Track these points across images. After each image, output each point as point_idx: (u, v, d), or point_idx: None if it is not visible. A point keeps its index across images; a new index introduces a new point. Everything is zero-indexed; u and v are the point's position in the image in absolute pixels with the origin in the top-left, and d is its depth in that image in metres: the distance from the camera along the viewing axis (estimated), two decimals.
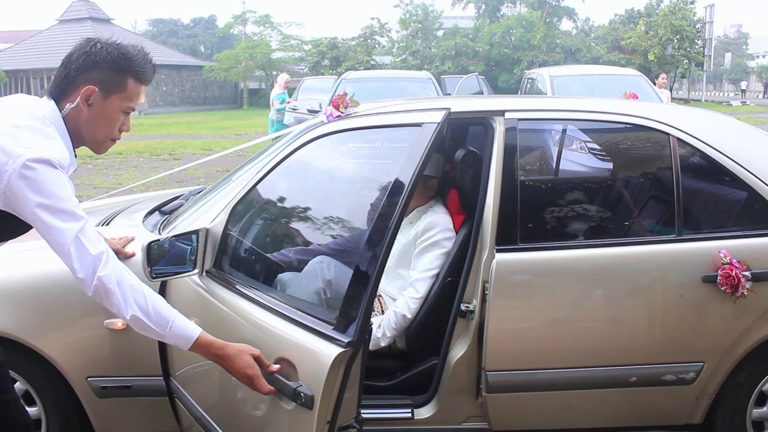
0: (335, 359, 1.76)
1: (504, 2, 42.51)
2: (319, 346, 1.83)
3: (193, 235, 2.33)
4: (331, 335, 1.82)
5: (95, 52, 1.84)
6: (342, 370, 1.79)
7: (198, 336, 1.85)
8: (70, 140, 1.88)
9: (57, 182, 1.72)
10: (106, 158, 13.43)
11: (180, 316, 1.85)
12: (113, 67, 1.85)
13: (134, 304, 1.77)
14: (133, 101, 1.91)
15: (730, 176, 2.47)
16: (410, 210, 2.94)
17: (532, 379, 2.44)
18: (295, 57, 40.03)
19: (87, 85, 1.83)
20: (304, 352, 1.86)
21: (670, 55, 33.81)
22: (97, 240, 1.77)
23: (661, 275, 2.44)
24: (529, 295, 2.45)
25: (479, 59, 36.29)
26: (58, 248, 1.74)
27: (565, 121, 2.81)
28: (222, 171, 10.08)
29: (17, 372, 2.45)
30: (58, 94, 1.87)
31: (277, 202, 2.57)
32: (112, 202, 3.66)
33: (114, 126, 1.91)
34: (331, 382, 1.77)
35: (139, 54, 1.89)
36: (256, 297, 2.13)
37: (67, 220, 1.72)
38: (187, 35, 68.07)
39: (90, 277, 1.73)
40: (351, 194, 2.42)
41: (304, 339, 1.89)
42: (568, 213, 2.56)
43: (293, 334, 1.93)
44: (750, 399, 2.51)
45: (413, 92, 9.59)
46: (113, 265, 1.76)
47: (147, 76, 1.92)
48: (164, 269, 2.28)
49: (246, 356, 1.85)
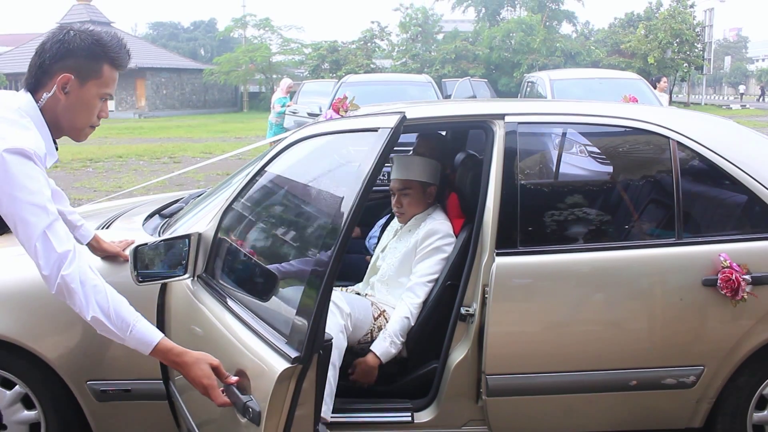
0: (281, 375, 1.69)
1: (504, 6, 42.57)
2: (269, 359, 1.77)
3: (186, 239, 2.33)
4: (282, 350, 1.76)
5: (69, 40, 1.84)
6: (292, 387, 1.72)
7: (158, 341, 1.80)
8: (49, 131, 1.87)
9: (29, 175, 1.71)
10: (106, 161, 13.46)
11: (142, 320, 1.81)
12: (88, 54, 1.84)
13: (96, 305, 1.75)
14: (110, 87, 1.90)
15: (730, 180, 2.47)
16: (409, 217, 2.94)
17: (532, 383, 2.44)
18: (295, 60, 40.07)
19: (62, 73, 1.82)
20: (257, 364, 1.81)
21: (669, 59, 33.84)
22: (66, 238, 1.74)
23: (661, 279, 2.44)
24: (529, 299, 2.45)
25: (479, 63, 36.30)
26: (25, 243, 1.72)
27: (565, 125, 2.81)
28: (222, 174, 10.09)
29: (16, 375, 2.45)
30: (34, 84, 1.86)
31: (257, 209, 2.56)
32: (113, 205, 3.67)
33: (92, 113, 1.90)
34: (278, 399, 1.71)
35: (113, 40, 1.89)
36: (231, 304, 2.10)
37: (35, 214, 1.70)
38: (188, 38, 68.12)
39: (54, 275, 1.71)
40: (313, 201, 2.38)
41: (260, 351, 1.83)
42: (568, 216, 2.56)
43: (252, 345, 1.87)
44: (750, 403, 2.51)
45: (413, 96, 9.60)
46: (78, 264, 1.73)
47: (122, 62, 1.91)
48: (154, 273, 2.27)
49: (203, 365, 1.80)
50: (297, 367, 1.71)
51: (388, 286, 2.89)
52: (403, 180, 2.92)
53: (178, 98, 38.60)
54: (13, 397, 2.47)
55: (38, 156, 1.74)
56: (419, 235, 2.82)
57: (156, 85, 36.90)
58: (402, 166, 2.95)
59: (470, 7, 42.58)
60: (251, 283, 2.22)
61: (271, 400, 1.70)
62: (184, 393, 2.36)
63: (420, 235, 2.82)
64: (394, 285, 2.87)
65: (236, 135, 20.39)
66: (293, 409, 1.74)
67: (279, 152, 2.52)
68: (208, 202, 2.73)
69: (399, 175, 2.94)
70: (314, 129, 2.61)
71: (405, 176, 2.92)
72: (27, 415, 2.49)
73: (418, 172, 2.92)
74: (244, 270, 2.31)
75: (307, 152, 2.57)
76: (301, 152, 2.56)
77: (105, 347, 2.42)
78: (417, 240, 2.82)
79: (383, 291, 2.89)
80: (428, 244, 2.78)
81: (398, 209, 2.96)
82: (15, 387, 2.47)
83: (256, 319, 1.97)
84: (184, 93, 39.26)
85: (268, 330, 1.88)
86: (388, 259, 2.94)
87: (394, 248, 2.94)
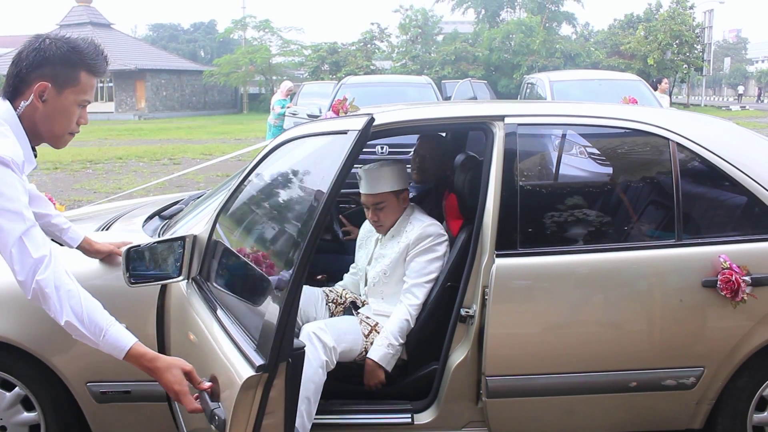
0: (245, 383, 1.66)
1: (503, 7, 42.57)
2: (238, 366, 1.73)
3: (180, 241, 2.33)
4: (249, 357, 1.73)
5: (45, 48, 1.84)
6: (258, 395, 1.68)
7: (131, 347, 1.79)
8: (28, 138, 1.87)
9: (5, 181, 1.71)
10: (106, 163, 13.46)
11: (115, 324, 1.80)
12: (64, 61, 1.85)
13: (69, 309, 1.74)
14: (88, 94, 1.90)
15: (730, 181, 2.48)
16: (388, 227, 2.90)
17: (532, 385, 2.44)
18: (295, 62, 40.09)
19: (39, 81, 1.83)
20: (228, 371, 1.77)
21: (669, 60, 33.86)
22: (43, 243, 1.75)
23: (661, 280, 2.44)
24: (529, 300, 2.45)
25: (479, 64, 36.31)
26: (1, 249, 1.72)
27: (565, 126, 2.81)
28: (222, 176, 10.10)
29: (16, 377, 2.46)
30: (12, 93, 1.86)
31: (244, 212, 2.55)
32: (113, 206, 3.67)
33: (71, 120, 1.91)
34: (244, 407, 1.67)
35: (89, 47, 1.89)
36: (217, 307, 2.08)
37: (12, 220, 1.70)
38: (187, 40, 68.14)
39: (29, 280, 1.71)
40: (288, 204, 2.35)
41: (231, 358, 1.79)
42: (568, 218, 2.56)
43: (227, 351, 1.84)
44: (750, 404, 2.51)
45: (413, 97, 9.61)
46: (53, 268, 1.74)
47: (100, 68, 1.91)
48: (146, 274, 2.27)
49: (175, 371, 1.78)
50: (263, 375, 1.66)
51: (383, 294, 2.86)
52: (374, 195, 2.85)
53: (177, 100, 38.62)
54: (12, 399, 2.47)
55: (15, 163, 1.74)
56: (409, 238, 2.79)
57: (156, 87, 36.91)
58: (371, 180, 2.85)
59: (470, 8, 42.59)
60: (237, 287, 2.21)
61: (236, 408, 1.66)
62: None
63: (411, 239, 2.79)
64: (389, 293, 2.85)
65: (236, 136, 20.41)
66: (260, 418, 1.70)
67: (264, 156, 2.52)
68: (207, 204, 2.73)
69: (369, 189, 2.85)
70: (295, 132, 2.61)
71: (376, 190, 2.84)
72: (27, 417, 2.49)
73: (388, 182, 2.84)
74: (232, 273, 2.30)
75: (288, 155, 2.56)
76: (283, 155, 2.55)
77: None
78: (407, 244, 2.79)
79: (378, 300, 2.88)
80: (421, 247, 2.77)
81: (375, 222, 2.91)
82: (15, 389, 2.47)
83: (235, 324, 1.94)
84: (184, 94, 39.27)
85: (243, 336, 1.84)
86: (377, 268, 2.91)
87: (381, 256, 2.91)
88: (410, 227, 2.83)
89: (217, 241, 2.36)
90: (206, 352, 1.96)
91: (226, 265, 2.31)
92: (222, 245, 2.34)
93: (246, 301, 2.02)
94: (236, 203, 2.49)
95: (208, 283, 2.29)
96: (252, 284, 2.05)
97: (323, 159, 2.17)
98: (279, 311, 1.68)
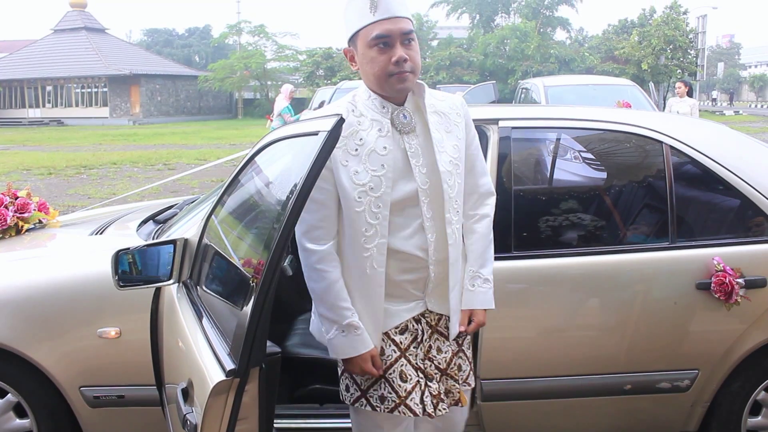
0: (216, 387, 1.61)
1: (498, 12, 42.72)
2: (211, 371, 1.68)
3: (171, 244, 2.33)
4: (222, 361, 1.69)
5: None
6: (230, 400, 1.63)
7: None
8: None
9: None
10: (100, 168, 13.42)
11: None
12: None
13: None
14: None
15: (723, 184, 2.48)
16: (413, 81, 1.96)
17: (527, 388, 2.44)
18: (289, 67, 40.14)
19: None
20: (201, 375, 1.74)
21: (663, 65, 34.02)
22: None
23: (655, 282, 2.45)
24: (523, 304, 2.45)
25: (474, 69, 36.40)
26: None
27: (559, 129, 2.82)
28: (216, 180, 10.08)
29: (9, 383, 2.44)
30: None
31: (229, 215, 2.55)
32: (107, 211, 3.65)
33: None
34: (215, 412, 1.63)
35: None
36: (202, 311, 2.07)
37: None
38: (182, 45, 68.16)
39: None
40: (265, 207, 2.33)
41: (206, 362, 1.75)
42: (562, 221, 2.56)
43: (204, 355, 1.80)
44: (745, 408, 2.51)
45: None
46: None
47: None
48: (135, 277, 2.26)
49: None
50: (234, 380, 1.62)
51: (459, 209, 1.93)
52: (404, 18, 1.84)
53: (172, 105, 38.60)
54: (4, 406, 2.45)
55: None
56: (451, 115, 1.91)
57: (150, 92, 36.89)
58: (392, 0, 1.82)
59: (465, 13, 42.73)
60: (220, 290, 2.18)
61: (206, 413, 1.63)
62: (169, 404, 2.35)
63: (460, 111, 1.94)
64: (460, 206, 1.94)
65: (231, 141, 20.39)
66: (232, 424, 1.65)
67: (249, 159, 2.51)
68: (201, 208, 2.72)
69: (394, 11, 1.82)
70: (276, 134, 2.60)
71: (403, 12, 1.84)
72: (19, 424, 2.48)
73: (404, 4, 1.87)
74: (216, 276, 2.27)
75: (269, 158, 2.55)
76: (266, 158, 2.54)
77: (98, 353, 2.41)
78: (457, 123, 1.92)
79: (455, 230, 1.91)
80: (474, 132, 2.00)
81: (403, 65, 1.82)
82: (7, 395, 2.45)
83: (215, 329, 1.91)
84: (179, 99, 39.26)
85: (221, 341, 1.81)
86: (444, 161, 1.86)
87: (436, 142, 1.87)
88: (429, 95, 1.92)
89: (206, 245, 2.36)
90: (188, 355, 1.94)
91: (211, 269, 2.30)
92: (210, 248, 2.33)
93: (227, 303, 2.00)
94: (223, 206, 2.49)
95: (196, 287, 2.28)
96: (233, 287, 2.03)
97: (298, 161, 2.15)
98: (249, 317, 1.61)
